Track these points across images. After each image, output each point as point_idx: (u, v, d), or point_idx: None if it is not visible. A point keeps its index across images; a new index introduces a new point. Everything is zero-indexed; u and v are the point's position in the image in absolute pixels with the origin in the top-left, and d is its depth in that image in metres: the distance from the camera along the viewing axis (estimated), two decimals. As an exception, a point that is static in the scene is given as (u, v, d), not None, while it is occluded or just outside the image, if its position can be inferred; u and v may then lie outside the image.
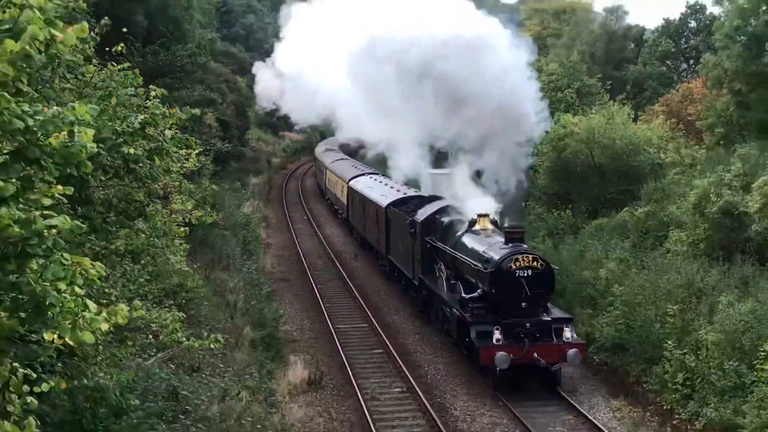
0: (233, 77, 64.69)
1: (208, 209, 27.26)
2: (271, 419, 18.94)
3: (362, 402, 21.23)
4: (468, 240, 24.48)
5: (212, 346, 12.77)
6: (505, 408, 20.81)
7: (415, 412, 20.87)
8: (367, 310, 30.57)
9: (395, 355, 25.12)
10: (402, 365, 24.11)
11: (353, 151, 65.90)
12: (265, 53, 78.01)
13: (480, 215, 24.69)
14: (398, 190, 36.09)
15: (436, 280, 26.64)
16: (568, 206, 35.98)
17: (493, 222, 24.95)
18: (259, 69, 68.71)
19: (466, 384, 22.98)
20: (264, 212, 52.76)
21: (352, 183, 44.20)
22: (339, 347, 25.99)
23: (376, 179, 42.45)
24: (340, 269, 37.84)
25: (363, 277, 36.43)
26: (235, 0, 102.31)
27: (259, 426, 17.85)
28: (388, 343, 26.34)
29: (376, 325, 28.46)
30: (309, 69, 52.87)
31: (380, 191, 37.69)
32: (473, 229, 24.60)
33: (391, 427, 19.99)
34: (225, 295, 27.57)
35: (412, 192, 35.34)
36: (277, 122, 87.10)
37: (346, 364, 24.34)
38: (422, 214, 28.73)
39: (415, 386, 22.30)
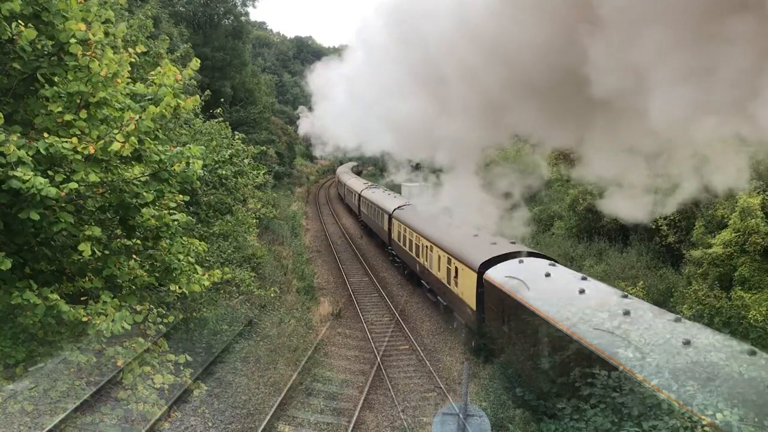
0: (285, 126, 65.04)
1: (271, 207, 27.25)
2: (309, 336, 18.96)
3: (365, 325, 21.23)
4: None
5: (271, 294, 12.91)
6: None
7: (396, 332, 20.88)
8: (368, 269, 30.48)
9: (385, 297, 25.10)
10: (389, 302, 24.10)
11: (359, 172, 65.40)
12: (304, 110, 78.03)
13: None
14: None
15: None
16: None
17: None
18: (301, 119, 68.29)
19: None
20: (304, 209, 52.37)
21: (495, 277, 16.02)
22: (351, 292, 25.90)
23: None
24: (352, 244, 37.73)
25: (366, 249, 36.33)
26: (286, 79, 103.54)
27: (302, 341, 17.87)
28: (381, 291, 26.29)
29: (374, 278, 28.38)
30: (329, 122, 46.33)
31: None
32: None
33: (381, 339, 20.02)
34: (281, 261, 27.47)
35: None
36: (312, 153, 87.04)
37: (355, 302, 24.30)
38: None
39: (398, 316, 22.29)
